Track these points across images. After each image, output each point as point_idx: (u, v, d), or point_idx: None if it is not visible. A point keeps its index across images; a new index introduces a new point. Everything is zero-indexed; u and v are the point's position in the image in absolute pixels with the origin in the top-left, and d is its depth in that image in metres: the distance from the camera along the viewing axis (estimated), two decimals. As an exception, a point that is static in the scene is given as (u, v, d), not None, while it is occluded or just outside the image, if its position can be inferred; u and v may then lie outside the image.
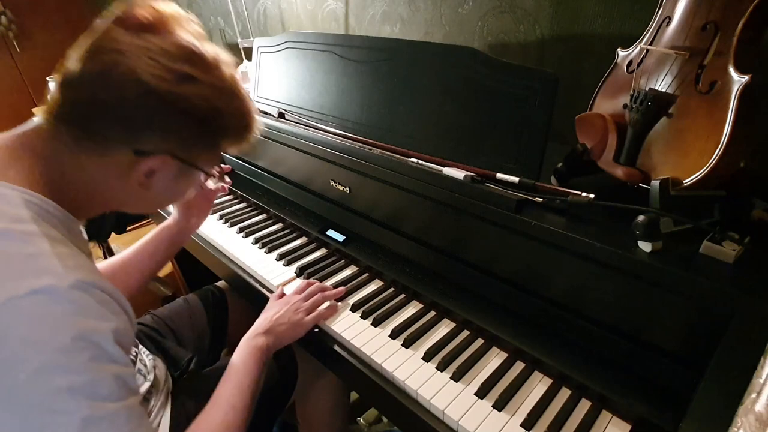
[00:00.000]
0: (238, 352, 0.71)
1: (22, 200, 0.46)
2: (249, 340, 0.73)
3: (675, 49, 0.65)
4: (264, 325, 0.75)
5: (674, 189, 0.61)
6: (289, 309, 0.78)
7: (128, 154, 0.51)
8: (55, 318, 0.41)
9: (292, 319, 0.77)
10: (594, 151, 0.76)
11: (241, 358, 0.70)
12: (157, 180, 0.55)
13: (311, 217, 1.08)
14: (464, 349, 0.72)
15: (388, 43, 0.93)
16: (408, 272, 0.87)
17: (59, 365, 0.40)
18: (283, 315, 0.77)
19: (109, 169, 0.52)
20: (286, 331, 0.76)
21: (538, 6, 1.00)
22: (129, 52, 0.47)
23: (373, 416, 1.25)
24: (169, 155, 0.53)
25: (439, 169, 0.80)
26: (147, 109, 0.49)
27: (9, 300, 0.40)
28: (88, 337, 0.42)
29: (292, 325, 0.76)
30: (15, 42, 2.78)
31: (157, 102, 0.48)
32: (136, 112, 0.49)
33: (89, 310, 0.44)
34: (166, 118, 0.50)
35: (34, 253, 0.43)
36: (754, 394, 0.42)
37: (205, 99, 0.51)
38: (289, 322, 0.76)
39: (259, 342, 0.73)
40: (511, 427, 0.60)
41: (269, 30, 1.83)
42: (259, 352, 0.71)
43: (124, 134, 0.50)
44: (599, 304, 0.64)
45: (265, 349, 0.72)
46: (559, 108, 0.69)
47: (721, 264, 0.57)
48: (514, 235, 0.70)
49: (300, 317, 0.77)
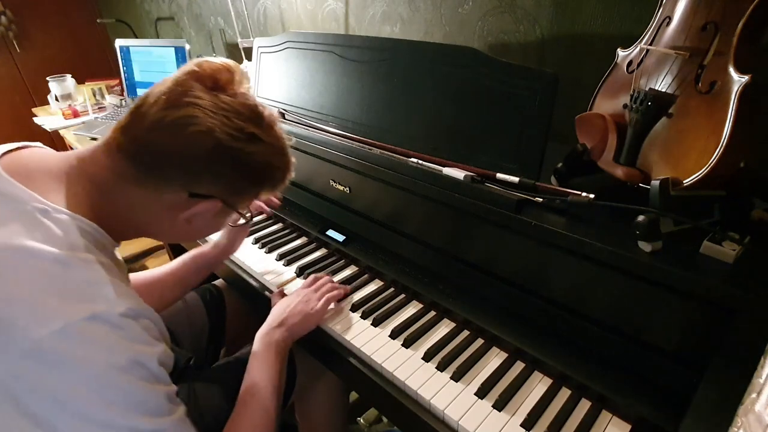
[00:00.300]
0: (257, 352, 0.72)
1: (77, 227, 0.49)
2: (265, 337, 0.74)
3: (675, 49, 0.65)
4: (278, 319, 0.76)
5: (674, 189, 0.61)
6: (300, 301, 0.79)
7: (183, 195, 0.55)
8: (110, 342, 0.44)
9: (304, 310, 0.77)
10: (594, 151, 0.76)
11: (261, 356, 0.71)
12: (200, 218, 0.59)
13: (311, 217, 1.08)
14: (464, 349, 0.72)
15: (388, 43, 0.93)
16: (408, 272, 0.87)
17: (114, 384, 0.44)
18: (295, 307, 0.78)
19: (160, 205, 0.56)
20: (300, 323, 0.77)
21: (538, 6, 1.00)
22: (206, 108, 0.52)
23: (373, 416, 1.25)
24: (220, 200, 0.58)
25: (439, 169, 0.80)
26: (214, 161, 0.54)
27: (66, 325, 0.42)
28: (138, 360, 0.46)
29: (305, 316, 0.77)
30: (15, 42, 2.78)
31: (224, 156, 0.54)
32: (204, 163, 0.53)
33: (137, 336, 0.47)
34: (227, 169, 0.55)
35: (91, 280, 0.46)
36: (754, 394, 0.42)
37: (263, 156, 0.57)
38: (302, 312, 0.77)
39: (276, 336, 0.73)
40: (511, 427, 0.60)
41: (269, 30, 1.83)
42: (277, 346, 0.72)
43: (186, 179, 0.55)
44: (599, 304, 0.64)
45: (282, 343, 0.73)
46: (559, 108, 0.69)
47: (721, 264, 0.57)
48: (514, 235, 0.70)
49: (312, 306, 0.78)
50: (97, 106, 2.14)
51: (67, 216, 0.48)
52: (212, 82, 0.54)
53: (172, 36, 2.51)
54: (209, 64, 0.55)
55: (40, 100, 2.69)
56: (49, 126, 1.99)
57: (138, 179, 0.53)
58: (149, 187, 0.54)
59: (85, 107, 2.08)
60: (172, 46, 1.89)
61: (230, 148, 0.53)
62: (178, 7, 2.33)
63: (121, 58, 1.98)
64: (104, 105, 2.16)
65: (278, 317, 0.76)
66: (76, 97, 2.17)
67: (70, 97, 2.15)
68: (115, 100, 2.14)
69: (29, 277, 0.43)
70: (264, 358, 0.71)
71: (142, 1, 2.60)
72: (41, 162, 0.53)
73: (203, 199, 0.56)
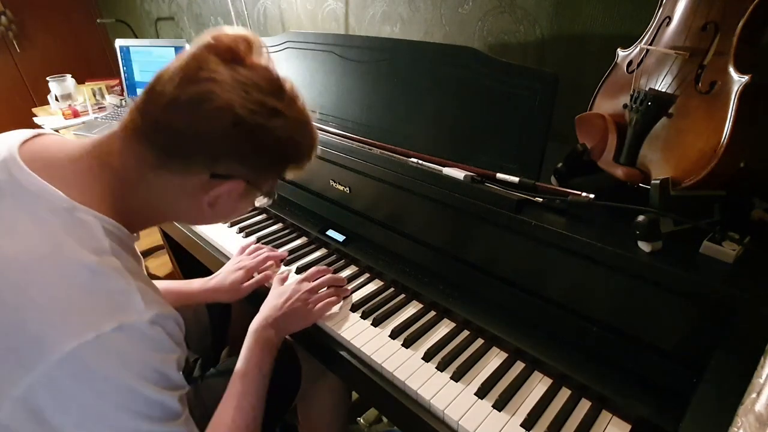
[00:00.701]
0: (248, 348, 0.71)
1: (102, 229, 0.48)
2: (258, 333, 0.73)
3: (675, 49, 0.65)
4: (273, 315, 0.75)
5: (674, 189, 0.61)
6: (299, 298, 0.78)
7: (205, 177, 0.52)
8: (138, 353, 0.45)
9: (301, 311, 0.77)
10: (594, 151, 0.76)
11: (252, 352, 0.70)
12: (224, 200, 0.56)
13: (311, 217, 1.08)
14: (464, 349, 0.72)
15: (388, 43, 0.93)
16: (408, 272, 0.87)
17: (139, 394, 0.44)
18: (293, 304, 0.77)
19: (183, 189, 0.53)
20: (294, 322, 0.76)
21: (538, 6, 1.00)
22: (224, 83, 0.48)
23: (373, 416, 1.25)
24: (244, 180, 0.54)
25: (439, 169, 0.80)
26: (235, 138, 0.50)
27: (97, 337, 0.42)
28: (162, 370, 0.47)
29: (301, 317, 0.77)
30: (15, 42, 2.78)
31: (246, 133, 0.50)
32: (224, 141, 0.50)
33: (163, 343, 0.47)
34: (248, 147, 0.52)
35: (120, 289, 0.45)
36: (754, 394, 0.42)
37: (286, 130, 0.53)
38: (298, 313, 0.77)
39: (269, 335, 0.73)
40: (511, 427, 0.60)
41: (269, 30, 1.83)
42: (270, 343, 0.72)
43: (207, 159, 0.51)
44: (599, 304, 0.64)
45: (274, 342, 0.73)
46: (559, 108, 0.69)
47: (721, 264, 0.57)
48: (514, 235, 0.70)
49: (309, 308, 0.77)
50: (97, 106, 2.14)
51: (93, 217, 0.47)
52: (230, 54, 0.50)
53: (172, 36, 2.51)
54: (226, 35, 0.51)
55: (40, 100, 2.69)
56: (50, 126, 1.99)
57: (158, 163, 0.51)
58: (170, 171, 0.51)
59: (85, 107, 2.08)
60: (172, 46, 1.89)
61: (251, 123, 0.49)
62: (178, 7, 2.33)
63: (121, 58, 1.98)
64: (104, 105, 2.16)
65: (273, 313, 0.76)
66: (76, 97, 2.17)
67: (70, 97, 2.15)
68: (115, 100, 2.13)
69: (60, 288, 0.43)
70: (257, 355, 0.70)
71: (142, 1, 2.60)
72: (60, 152, 0.51)
73: (226, 180, 0.53)
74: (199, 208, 0.56)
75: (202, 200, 0.54)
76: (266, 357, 0.71)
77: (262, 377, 0.69)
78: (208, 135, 0.49)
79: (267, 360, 0.71)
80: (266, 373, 0.70)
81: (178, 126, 0.49)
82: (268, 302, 0.78)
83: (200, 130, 0.49)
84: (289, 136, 0.54)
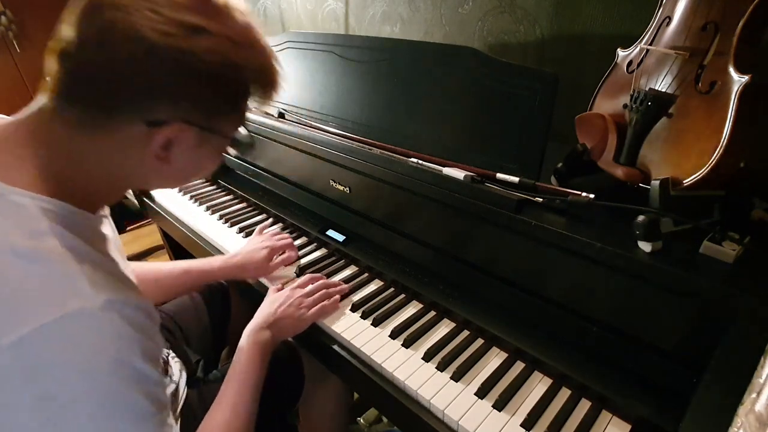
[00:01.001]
0: (242, 350, 0.71)
1: (38, 209, 0.42)
2: (253, 335, 0.73)
3: (675, 49, 0.65)
4: (267, 320, 0.75)
5: (674, 189, 0.61)
6: (292, 303, 0.78)
7: (140, 127, 0.45)
8: (89, 344, 0.40)
9: (294, 315, 0.77)
10: (594, 151, 0.76)
11: (246, 355, 0.70)
12: (177, 152, 0.48)
13: (311, 217, 1.08)
14: (464, 349, 0.72)
15: (388, 43, 0.93)
16: (408, 272, 0.87)
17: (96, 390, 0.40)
18: (286, 309, 0.77)
19: (122, 147, 0.46)
20: (288, 326, 0.76)
21: (538, 6, 1.00)
22: (128, 6, 0.40)
23: (373, 416, 1.25)
24: (185, 122, 0.46)
25: (439, 169, 0.80)
26: (153, 71, 0.42)
27: (40, 327, 0.38)
28: (121, 360, 0.41)
29: (294, 321, 0.77)
30: (15, 42, 2.77)
31: (163, 62, 0.42)
32: (142, 76, 0.42)
33: (120, 331, 0.42)
34: (176, 79, 0.43)
35: (60, 274, 0.41)
36: (754, 394, 0.42)
37: (218, 53, 0.44)
38: (292, 317, 0.77)
39: (264, 337, 0.73)
40: (511, 427, 0.60)
41: (269, 30, 1.83)
42: (264, 348, 0.72)
43: (132, 104, 0.44)
44: (599, 304, 0.64)
45: (269, 345, 0.73)
46: (559, 108, 0.69)
47: (721, 264, 0.57)
48: (514, 235, 0.70)
49: (302, 312, 0.77)
50: (97, 106, 2.14)
51: (29, 198, 0.42)
52: None
53: (172, 36, 2.51)
54: None
55: (40, 100, 2.69)
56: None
57: (85, 122, 0.45)
58: (103, 129, 0.45)
59: (85, 107, 2.08)
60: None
61: (168, 48, 0.41)
62: None
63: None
64: (104, 105, 2.16)
65: (268, 317, 0.76)
66: (76, 97, 2.17)
67: (70, 97, 2.15)
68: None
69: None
70: (251, 359, 0.70)
71: (142, 1, 2.60)
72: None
73: (164, 125, 0.45)
74: (153, 167, 0.49)
75: (149, 155, 0.47)
76: (261, 359, 0.70)
77: (256, 379, 0.68)
78: (122, 73, 0.42)
79: (261, 362, 0.70)
80: (261, 375, 0.69)
81: (87, 68, 0.42)
82: (262, 309, 0.79)
83: (110, 67, 0.42)
84: (224, 59, 0.44)
